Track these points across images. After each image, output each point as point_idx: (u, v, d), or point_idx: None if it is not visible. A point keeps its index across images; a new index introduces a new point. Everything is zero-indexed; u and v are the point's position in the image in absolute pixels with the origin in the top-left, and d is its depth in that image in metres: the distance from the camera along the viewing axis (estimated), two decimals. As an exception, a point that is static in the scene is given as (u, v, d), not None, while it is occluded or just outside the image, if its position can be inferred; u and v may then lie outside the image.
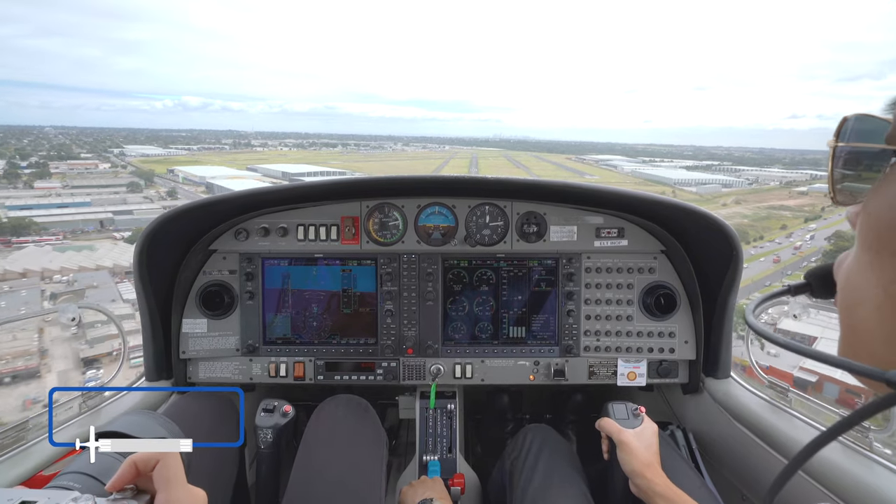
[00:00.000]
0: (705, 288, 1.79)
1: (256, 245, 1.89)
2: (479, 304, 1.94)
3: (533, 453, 1.56)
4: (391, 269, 1.92)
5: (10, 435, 1.36)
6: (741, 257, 1.63)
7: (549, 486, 1.44)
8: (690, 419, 1.95)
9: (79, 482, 0.84)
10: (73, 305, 1.64)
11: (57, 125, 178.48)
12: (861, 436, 1.26)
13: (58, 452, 1.39)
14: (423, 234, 1.91)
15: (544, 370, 1.91)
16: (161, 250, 1.73)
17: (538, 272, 1.92)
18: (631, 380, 1.90)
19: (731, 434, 1.66)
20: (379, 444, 1.66)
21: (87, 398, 1.61)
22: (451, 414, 1.93)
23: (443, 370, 1.91)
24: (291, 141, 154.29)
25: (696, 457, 1.73)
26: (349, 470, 1.51)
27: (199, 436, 1.41)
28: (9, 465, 1.32)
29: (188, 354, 1.88)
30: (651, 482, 1.30)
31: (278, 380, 1.91)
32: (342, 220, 1.90)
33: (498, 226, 1.90)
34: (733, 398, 1.71)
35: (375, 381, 1.93)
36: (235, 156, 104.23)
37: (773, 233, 42.34)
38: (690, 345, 1.86)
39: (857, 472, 1.20)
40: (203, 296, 1.87)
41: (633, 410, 1.51)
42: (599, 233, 1.89)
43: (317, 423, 1.65)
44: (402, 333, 1.92)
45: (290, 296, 1.93)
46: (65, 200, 46.71)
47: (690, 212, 1.65)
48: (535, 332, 1.93)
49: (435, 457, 1.86)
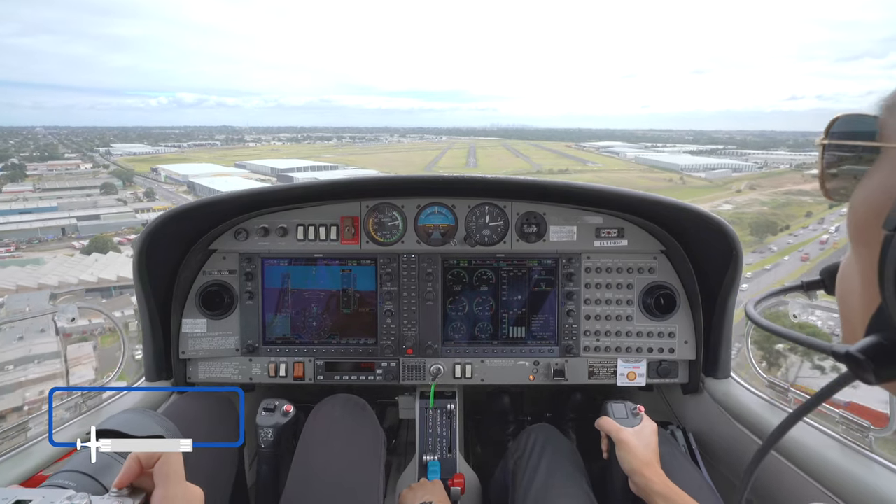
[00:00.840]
0: (705, 288, 1.79)
1: (256, 245, 1.89)
2: (478, 304, 1.93)
3: (536, 453, 1.56)
4: (391, 269, 1.92)
5: (10, 435, 1.36)
6: (741, 257, 1.63)
7: (552, 486, 1.44)
8: (690, 419, 1.95)
9: (74, 480, 0.84)
10: (72, 306, 1.64)
11: (49, 125, 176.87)
12: (861, 435, 1.27)
13: (58, 452, 1.39)
14: (423, 233, 1.91)
15: (544, 370, 1.91)
16: (161, 250, 1.73)
17: (538, 272, 1.92)
18: (631, 380, 1.90)
19: (731, 434, 1.66)
20: (377, 443, 1.66)
21: (86, 398, 1.61)
22: (451, 414, 1.93)
23: (442, 370, 1.91)
24: (286, 135, 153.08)
25: (697, 457, 1.73)
26: (347, 469, 1.51)
27: (199, 436, 1.41)
28: (9, 465, 1.32)
29: (188, 354, 1.88)
30: (650, 481, 1.30)
31: (278, 380, 1.91)
32: (342, 220, 1.90)
33: (498, 226, 1.90)
34: (733, 398, 1.71)
35: (375, 382, 1.93)
36: (226, 152, 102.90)
37: (798, 220, 39.86)
38: (690, 345, 1.86)
39: (857, 472, 1.20)
40: (203, 296, 1.87)
41: (632, 409, 1.52)
42: (599, 233, 1.89)
43: (314, 422, 1.65)
44: (402, 333, 1.92)
45: (289, 296, 1.93)
46: (32, 205, 44.22)
47: (690, 212, 1.65)
48: (535, 332, 1.93)
49: (435, 457, 1.86)
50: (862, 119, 0.49)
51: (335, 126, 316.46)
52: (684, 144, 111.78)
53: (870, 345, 0.42)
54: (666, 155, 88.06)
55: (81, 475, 0.85)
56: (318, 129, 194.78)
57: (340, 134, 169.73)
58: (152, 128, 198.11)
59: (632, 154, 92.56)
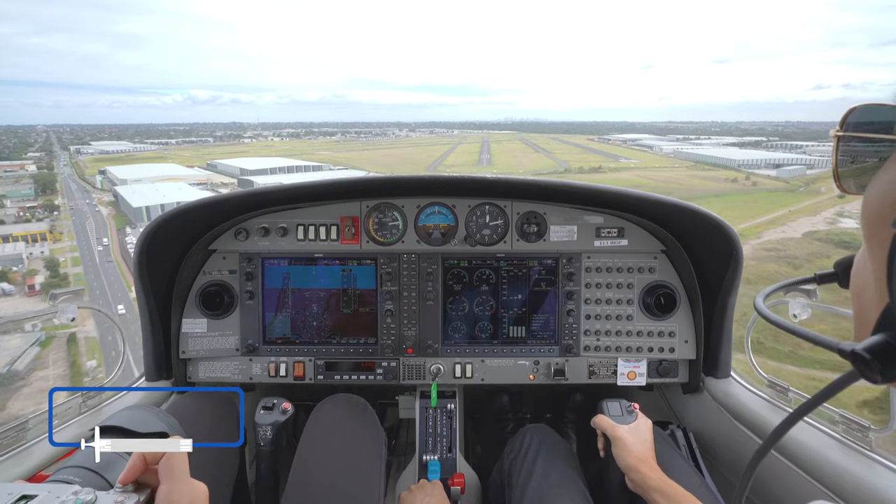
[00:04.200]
0: (705, 287, 1.79)
1: (256, 245, 1.89)
2: (479, 304, 1.94)
3: (531, 453, 1.56)
4: (391, 269, 1.92)
5: (10, 435, 1.36)
6: (741, 256, 1.63)
7: (547, 486, 1.44)
8: (690, 419, 1.95)
9: (78, 476, 0.84)
10: (72, 306, 1.64)
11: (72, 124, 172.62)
12: (861, 435, 1.27)
13: (58, 452, 1.39)
14: (423, 233, 1.91)
15: (544, 370, 1.91)
16: (161, 250, 1.73)
17: (538, 272, 1.92)
18: (631, 379, 1.90)
19: (732, 433, 1.66)
20: (377, 443, 1.66)
21: (87, 398, 1.61)
22: (451, 413, 1.93)
23: (443, 370, 1.91)
24: (291, 130, 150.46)
25: (697, 456, 1.73)
26: (347, 469, 1.51)
27: (200, 435, 1.40)
28: (9, 464, 1.32)
29: (188, 354, 1.88)
30: (646, 477, 1.30)
31: (278, 380, 1.91)
32: (342, 220, 1.90)
33: (498, 225, 1.90)
34: (733, 398, 1.71)
35: (375, 381, 1.93)
36: (212, 149, 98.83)
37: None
38: (690, 344, 1.86)
39: (857, 472, 1.20)
40: (203, 296, 1.87)
41: (627, 407, 1.54)
42: (599, 232, 1.89)
43: (315, 422, 1.65)
44: (402, 333, 1.92)
45: (289, 296, 1.93)
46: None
47: (690, 211, 1.66)
48: (535, 331, 1.93)
49: (435, 456, 1.86)
50: (880, 109, 0.47)
51: (347, 121, 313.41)
52: (720, 137, 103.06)
53: (877, 343, 0.40)
54: (707, 148, 78.40)
55: (86, 471, 0.86)
56: (328, 125, 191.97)
57: (346, 129, 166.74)
58: (158, 124, 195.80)
59: (668, 147, 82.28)
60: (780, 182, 50.20)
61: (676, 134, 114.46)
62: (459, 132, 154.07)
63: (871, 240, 0.45)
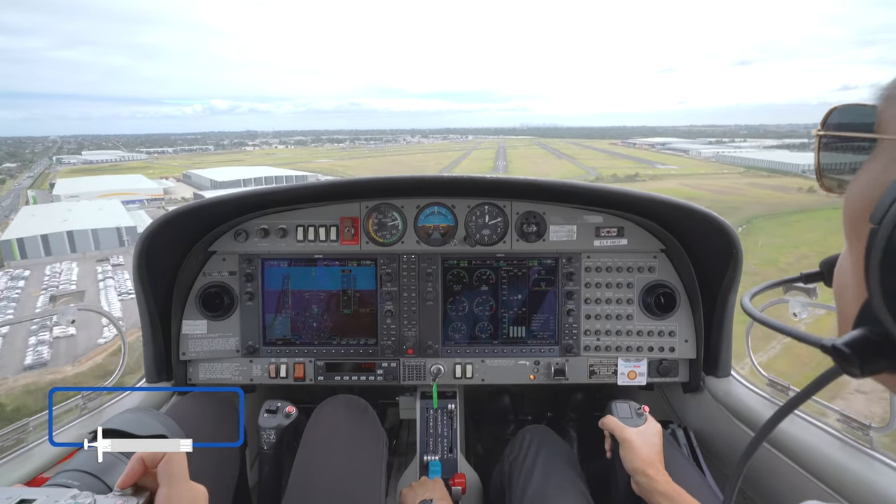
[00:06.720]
0: (705, 287, 1.79)
1: (256, 246, 1.89)
2: (478, 304, 1.94)
3: (531, 454, 1.56)
4: (391, 270, 1.92)
5: (11, 437, 1.36)
6: (741, 256, 1.63)
7: (547, 487, 1.44)
8: (691, 418, 1.95)
9: (77, 480, 0.84)
10: (72, 307, 1.64)
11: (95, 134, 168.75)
12: (862, 433, 1.27)
13: (59, 454, 1.39)
14: (423, 234, 1.91)
15: (544, 370, 1.91)
16: (160, 252, 1.73)
17: (538, 272, 1.92)
18: (631, 379, 1.90)
19: (732, 432, 1.66)
20: (378, 443, 1.66)
21: (87, 399, 1.61)
22: (452, 414, 1.93)
23: (443, 370, 1.91)
24: (298, 138, 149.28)
25: (698, 455, 1.73)
26: (348, 471, 1.51)
27: (200, 436, 1.40)
28: (9, 467, 1.31)
29: (188, 356, 1.88)
30: (653, 480, 1.30)
31: (278, 381, 1.91)
32: (341, 221, 1.90)
33: (497, 226, 1.90)
34: (734, 397, 1.71)
35: (376, 382, 1.93)
36: (207, 158, 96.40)
37: None
38: (690, 343, 1.86)
39: (858, 470, 1.20)
40: (203, 297, 1.87)
41: (637, 409, 1.52)
42: (599, 232, 1.89)
43: (315, 424, 1.65)
44: (402, 334, 1.92)
45: (289, 297, 1.93)
46: None
47: (690, 211, 1.66)
48: (535, 331, 1.93)
49: (436, 457, 1.86)
50: (859, 109, 0.48)
51: (363, 129, 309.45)
52: (755, 139, 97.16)
53: (856, 338, 0.42)
54: (751, 151, 72.77)
55: (85, 474, 0.85)
56: (343, 132, 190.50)
57: (356, 136, 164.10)
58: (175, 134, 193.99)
59: (707, 151, 75.64)
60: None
61: (697, 137, 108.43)
62: (474, 137, 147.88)
63: (852, 237, 0.46)
